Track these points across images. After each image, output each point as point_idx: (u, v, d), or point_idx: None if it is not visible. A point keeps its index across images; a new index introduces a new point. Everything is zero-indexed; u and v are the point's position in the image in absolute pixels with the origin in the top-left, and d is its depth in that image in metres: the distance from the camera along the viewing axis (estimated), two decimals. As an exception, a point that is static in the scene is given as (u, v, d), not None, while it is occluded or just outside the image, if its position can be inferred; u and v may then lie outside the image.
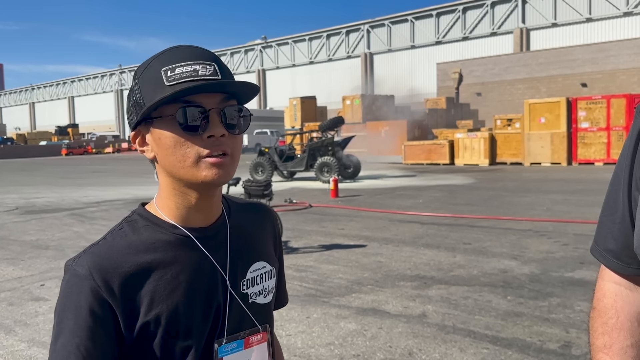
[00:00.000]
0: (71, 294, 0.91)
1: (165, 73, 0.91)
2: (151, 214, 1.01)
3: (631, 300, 1.03)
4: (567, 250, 6.84)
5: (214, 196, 1.00)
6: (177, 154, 0.93)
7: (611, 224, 1.03)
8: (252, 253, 1.09)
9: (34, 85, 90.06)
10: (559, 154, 21.13)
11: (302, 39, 55.70)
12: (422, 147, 24.51)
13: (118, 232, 0.98)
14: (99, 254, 0.94)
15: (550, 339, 4.01)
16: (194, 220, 1.00)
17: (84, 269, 0.91)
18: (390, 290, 5.38)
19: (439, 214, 9.99)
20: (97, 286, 0.90)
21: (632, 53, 31.11)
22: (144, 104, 0.93)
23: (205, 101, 0.92)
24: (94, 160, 39.29)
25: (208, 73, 0.92)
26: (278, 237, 1.22)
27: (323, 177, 16.55)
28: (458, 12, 44.06)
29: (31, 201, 14.08)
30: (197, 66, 0.92)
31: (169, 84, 0.90)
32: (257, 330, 1.05)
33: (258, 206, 1.20)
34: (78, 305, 0.89)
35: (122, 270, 0.93)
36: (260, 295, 1.07)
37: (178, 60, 0.92)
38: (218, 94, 0.94)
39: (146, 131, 0.97)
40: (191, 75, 0.91)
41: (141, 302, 0.93)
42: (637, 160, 0.96)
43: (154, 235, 0.98)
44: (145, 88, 0.93)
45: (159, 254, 0.96)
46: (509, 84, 35.68)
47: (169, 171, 0.96)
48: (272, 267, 1.12)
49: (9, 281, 6.14)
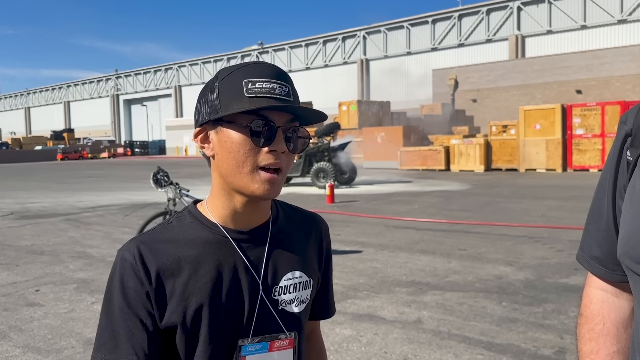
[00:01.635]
0: (117, 276, 1.00)
1: (247, 85, 0.98)
2: (199, 212, 1.08)
3: (617, 306, 1.05)
4: (561, 256, 6.87)
5: (259, 204, 1.06)
6: (238, 159, 0.99)
7: (596, 232, 1.05)
8: (289, 262, 1.11)
9: (30, 90, 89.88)
10: (554, 160, 21.22)
11: (299, 44, 55.85)
12: (418, 153, 24.57)
13: (167, 225, 1.07)
14: (144, 242, 1.02)
15: (544, 345, 4.03)
16: (236, 223, 1.06)
17: (130, 255, 1.00)
18: (385, 296, 5.39)
19: (435, 220, 10.01)
20: (138, 271, 0.99)
21: (627, 60, 31.33)
22: (220, 107, 0.99)
23: (276, 118, 0.99)
24: (90, 165, 39.20)
25: (283, 93, 0.99)
26: (325, 249, 1.23)
27: (319, 182, 16.56)
28: (454, 18, 44.30)
29: (26, 206, 14.03)
30: (275, 84, 0.99)
31: (248, 96, 0.97)
32: (284, 335, 1.07)
33: (310, 216, 1.22)
34: (127, 287, 0.99)
35: (160, 261, 1.01)
36: (292, 304, 1.09)
37: (260, 75, 0.99)
38: (287, 114, 1.00)
39: (212, 131, 1.02)
40: (269, 92, 0.98)
41: (173, 292, 1.00)
42: (621, 170, 0.99)
43: (196, 232, 1.05)
44: (225, 93, 0.99)
45: (197, 250, 1.03)
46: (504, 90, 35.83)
47: (224, 173, 1.02)
48: (310, 279, 1.14)
49: (3, 286, 6.11)
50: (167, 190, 6.91)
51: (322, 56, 53.93)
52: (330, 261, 1.25)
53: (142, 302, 0.99)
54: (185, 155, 56.29)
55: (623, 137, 0.99)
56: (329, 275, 1.25)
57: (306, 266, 1.14)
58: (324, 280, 1.23)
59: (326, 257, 1.23)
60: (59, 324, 4.80)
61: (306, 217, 1.21)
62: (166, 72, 69.84)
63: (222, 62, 62.75)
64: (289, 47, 56.68)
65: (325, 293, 1.25)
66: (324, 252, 1.22)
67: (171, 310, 1.00)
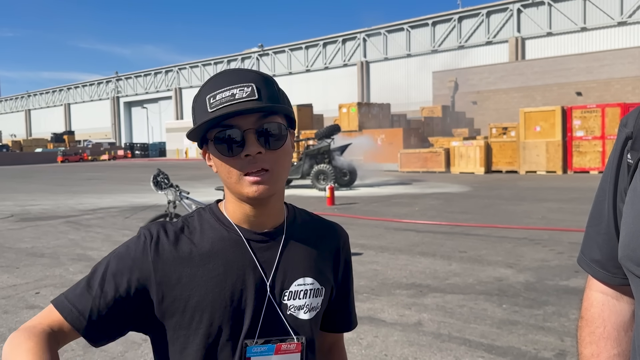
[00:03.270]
0: (130, 246, 1.04)
1: (209, 100, 1.00)
2: (219, 209, 1.11)
3: (618, 309, 1.05)
4: (562, 258, 6.87)
5: (266, 206, 1.07)
6: (224, 172, 1.03)
7: (596, 235, 1.05)
8: (301, 267, 1.10)
9: (30, 92, 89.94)
10: (554, 162, 21.22)
11: (299, 47, 55.88)
12: (418, 155, 24.58)
13: (188, 218, 1.11)
14: (163, 226, 1.07)
15: (545, 347, 4.02)
16: (250, 224, 1.08)
17: (149, 233, 1.05)
18: (386, 298, 5.38)
19: (435, 222, 10.01)
20: (150, 250, 1.03)
21: (627, 62, 31.35)
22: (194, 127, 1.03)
23: (241, 122, 0.99)
24: (90, 168, 39.20)
25: (245, 95, 0.99)
26: (344, 259, 1.21)
27: (319, 184, 16.56)
28: (454, 21, 44.33)
29: (26, 208, 14.03)
30: (234, 90, 0.99)
31: (211, 110, 0.99)
32: (292, 339, 1.07)
33: (328, 225, 1.21)
34: (129, 257, 1.03)
35: (173, 247, 1.04)
36: (301, 310, 1.09)
37: (219, 86, 1.00)
38: (254, 114, 1.00)
39: (208, 150, 1.07)
40: (228, 100, 0.98)
41: (179, 281, 1.02)
42: (622, 173, 0.99)
43: (212, 228, 1.08)
44: (197, 114, 1.03)
45: (210, 245, 1.06)
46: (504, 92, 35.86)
47: (224, 184, 1.07)
48: (322, 287, 1.13)
49: (3, 289, 6.11)
50: (167, 192, 6.91)
51: (322, 58, 53.96)
52: (350, 272, 1.23)
53: (134, 277, 1.01)
54: (186, 157, 56.29)
55: (623, 140, 0.99)
56: (349, 286, 1.23)
57: (319, 274, 1.13)
58: (344, 291, 1.22)
59: (344, 267, 1.21)
60: (59, 326, 4.79)
61: (324, 226, 1.20)
62: (166, 74, 69.88)
63: (222, 64, 62.78)
64: (289, 49, 56.71)
65: (345, 304, 1.23)
66: (341, 262, 1.20)
67: (174, 297, 1.01)
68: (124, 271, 1.01)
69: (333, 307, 1.19)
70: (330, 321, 1.21)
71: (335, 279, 1.18)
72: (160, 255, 1.02)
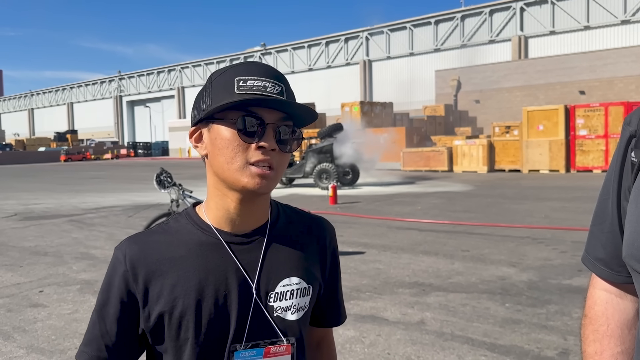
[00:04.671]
0: (108, 274, 1.03)
1: (238, 82, 0.98)
2: (196, 213, 1.07)
3: (621, 307, 1.05)
4: (565, 257, 6.86)
5: (254, 204, 1.03)
6: (227, 155, 0.99)
7: (600, 233, 1.05)
8: (287, 267, 1.07)
9: (33, 92, 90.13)
10: (557, 161, 21.18)
11: (301, 46, 55.87)
12: (420, 154, 24.56)
13: (163, 225, 1.07)
14: (135, 242, 1.04)
15: (548, 346, 4.02)
16: (231, 225, 1.04)
17: (121, 254, 1.02)
18: (388, 297, 5.39)
19: (438, 221, 10.00)
20: (127, 271, 1.01)
21: (630, 61, 31.27)
22: (211, 105, 0.99)
23: (265, 115, 0.98)
24: (93, 167, 39.27)
25: (275, 91, 0.98)
26: (331, 255, 1.18)
27: (322, 183, 16.56)
28: (456, 19, 44.26)
29: (30, 207, 14.07)
30: (267, 83, 0.98)
31: (239, 92, 0.97)
32: (281, 342, 1.04)
33: (314, 220, 1.18)
34: (112, 286, 1.02)
35: (149, 261, 1.01)
36: (289, 311, 1.06)
37: (252, 74, 0.99)
38: (278, 112, 1.00)
39: (205, 129, 1.03)
40: (260, 90, 0.97)
41: (161, 294, 1.00)
42: (626, 172, 0.99)
43: (189, 233, 1.04)
44: (216, 91, 1.00)
45: (188, 251, 1.02)
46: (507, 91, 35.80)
47: (215, 170, 1.02)
48: (309, 286, 1.10)
49: (7, 287, 6.13)
50: (170, 191, 6.92)
51: (324, 57, 53.94)
52: (337, 267, 1.20)
53: (123, 302, 1.01)
54: (188, 156, 56.35)
55: (627, 139, 0.99)
56: (337, 281, 1.21)
57: (305, 272, 1.09)
58: (332, 286, 1.20)
59: (332, 262, 1.18)
60: (63, 324, 4.81)
61: (310, 221, 1.17)
62: (169, 73, 69.96)
63: (224, 63, 62.81)
64: (291, 48, 56.71)
65: (334, 299, 1.21)
66: (328, 258, 1.17)
67: (158, 311, 0.99)
68: (113, 302, 1.01)
69: (321, 302, 1.17)
70: (318, 316, 1.19)
71: (323, 276, 1.15)
72: (137, 275, 1.00)
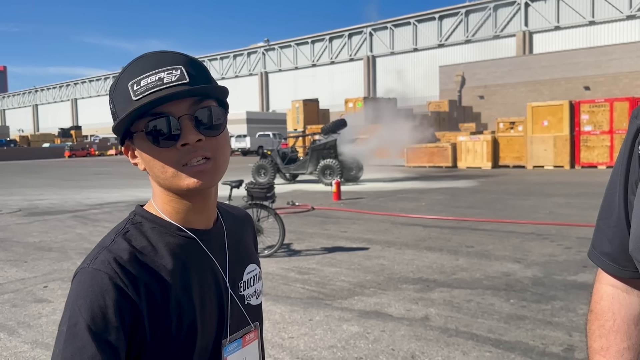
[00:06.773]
0: (91, 294, 0.86)
1: (132, 87, 0.89)
2: (155, 216, 0.99)
3: (628, 302, 1.04)
4: (570, 253, 6.84)
5: (209, 198, 1.00)
6: (157, 166, 0.92)
7: (607, 228, 1.04)
8: (245, 256, 1.11)
9: (37, 88, 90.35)
10: (561, 157, 21.10)
11: (305, 41, 55.79)
12: (424, 150, 24.51)
13: (126, 235, 0.95)
14: (117, 253, 0.91)
15: (553, 343, 4.01)
16: (196, 222, 1.00)
17: (107, 268, 0.88)
18: (392, 293, 5.38)
19: (442, 217, 9.98)
20: (124, 285, 0.88)
21: (635, 56, 31.10)
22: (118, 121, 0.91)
23: (174, 109, 0.89)
24: (97, 163, 39.37)
25: (174, 79, 0.89)
26: (256, 240, 1.26)
27: (325, 179, 16.56)
28: (461, 15, 44.10)
29: (34, 203, 14.11)
30: (161, 74, 0.89)
31: (136, 98, 0.88)
32: (251, 329, 1.07)
33: (243, 212, 1.24)
34: (102, 305, 0.86)
35: (138, 271, 0.91)
36: (254, 297, 1.10)
37: (143, 71, 0.90)
38: (187, 99, 0.90)
39: (132, 145, 0.96)
40: (156, 85, 0.88)
41: (159, 302, 0.91)
42: (633, 165, 0.98)
43: (161, 237, 0.96)
44: (118, 105, 0.92)
45: (168, 256, 0.95)
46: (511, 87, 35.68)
47: (156, 182, 0.96)
48: (260, 270, 1.16)
49: (12, 282, 6.15)
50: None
51: (328, 53, 53.85)
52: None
53: (128, 320, 0.88)
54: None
55: (635, 132, 0.98)
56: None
57: (255, 258, 1.15)
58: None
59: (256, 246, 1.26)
60: (67, 320, 4.82)
61: (240, 213, 1.21)
62: (173, 69, 69.93)
63: (228, 59, 62.78)
64: (295, 44, 56.63)
65: None
66: (256, 244, 1.25)
67: (160, 323, 0.91)
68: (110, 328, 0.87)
69: None
70: None
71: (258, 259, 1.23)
72: (137, 288, 0.89)
